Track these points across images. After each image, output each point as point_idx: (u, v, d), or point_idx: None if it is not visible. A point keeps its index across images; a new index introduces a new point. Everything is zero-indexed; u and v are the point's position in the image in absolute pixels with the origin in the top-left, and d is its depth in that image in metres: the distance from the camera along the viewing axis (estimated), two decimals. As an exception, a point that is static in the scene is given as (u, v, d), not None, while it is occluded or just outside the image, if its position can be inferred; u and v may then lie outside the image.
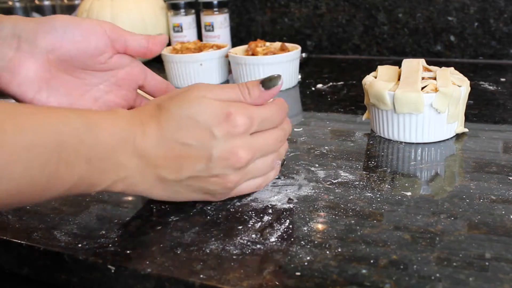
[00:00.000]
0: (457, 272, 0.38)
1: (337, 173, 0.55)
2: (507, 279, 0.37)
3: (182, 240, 0.44)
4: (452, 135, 0.64)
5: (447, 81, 0.61)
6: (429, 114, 0.60)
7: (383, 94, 0.61)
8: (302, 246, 0.42)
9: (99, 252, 0.43)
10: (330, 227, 0.45)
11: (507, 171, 0.54)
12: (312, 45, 1.20)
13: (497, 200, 0.48)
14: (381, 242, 0.42)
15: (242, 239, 0.43)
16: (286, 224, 0.45)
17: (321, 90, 0.90)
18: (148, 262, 0.41)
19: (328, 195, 0.50)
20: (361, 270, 0.38)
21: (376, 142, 0.64)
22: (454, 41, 1.07)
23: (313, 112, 0.78)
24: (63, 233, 0.46)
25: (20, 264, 0.46)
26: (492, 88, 0.85)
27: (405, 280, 0.37)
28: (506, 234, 0.42)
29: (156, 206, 0.50)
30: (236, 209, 0.48)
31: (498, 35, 1.04)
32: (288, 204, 0.49)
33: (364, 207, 0.48)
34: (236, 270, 0.39)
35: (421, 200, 0.49)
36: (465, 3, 1.04)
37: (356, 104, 0.80)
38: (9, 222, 0.49)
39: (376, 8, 1.12)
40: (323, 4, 1.16)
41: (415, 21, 1.09)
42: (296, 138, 0.66)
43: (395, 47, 1.13)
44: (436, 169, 0.56)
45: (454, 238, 0.42)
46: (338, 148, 0.63)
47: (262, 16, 1.23)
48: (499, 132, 0.66)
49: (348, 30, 1.16)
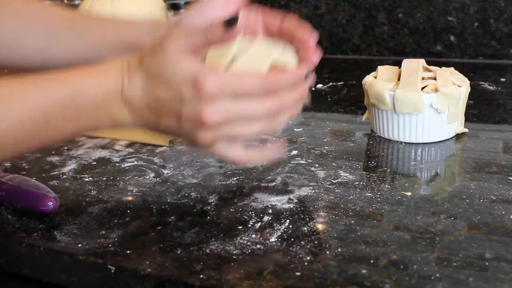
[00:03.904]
0: (457, 272, 0.38)
1: (337, 173, 0.55)
2: (507, 279, 0.37)
3: (182, 240, 0.44)
4: (452, 135, 0.64)
5: (447, 81, 0.61)
6: (429, 114, 0.60)
7: (383, 94, 0.61)
8: (302, 246, 0.42)
9: (99, 252, 0.43)
10: (330, 227, 0.45)
11: (507, 171, 0.54)
12: (312, 45, 1.20)
13: (497, 200, 0.48)
14: (381, 242, 0.42)
15: (242, 239, 0.43)
16: (286, 224, 0.45)
17: (321, 90, 0.90)
18: (148, 262, 0.41)
19: (328, 195, 0.50)
20: (361, 270, 0.38)
21: (376, 142, 0.64)
22: (454, 41, 1.07)
23: (313, 112, 0.78)
24: (63, 233, 0.46)
25: (20, 264, 0.46)
26: (492, 88, 0.85)
27: (405, 280, 0.37)
28: (506, 234, 0.42)
29: (156, 206, 0.50)
30: (236, 209, 0.48)
31: (498, 35, 1.04)
32: (288, 204, 0.49)
33: (364, 207, 0.48)
34: (236, 270, 0.39)
35: (421, 200, 0.49)
36: (465, 3, 1.04)
37: (356, 104, 0.80)
38: (9, 222, 0.49)
39: (376, 8, 1.12)
40: (323, 4, 1.16)
41: (415, 21, 1.09)
42: (296, 138, 0.66)
43: (395, 47, 1.13)
44: (436, 169, 0.56)
45: (454, 238, 0.42)
46: (338, 148, 0.63)
47: (262, 16, 1.23)
48: (499, 132, 0.66)
49: (348, 30, 1.16)
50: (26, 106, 0.42)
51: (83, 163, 0.62)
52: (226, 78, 0.43)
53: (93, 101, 0.43)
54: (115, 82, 0.44)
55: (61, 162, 0.62)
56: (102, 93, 0.43)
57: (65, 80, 0.44)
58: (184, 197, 0.52)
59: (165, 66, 0.43)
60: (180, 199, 0.51)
